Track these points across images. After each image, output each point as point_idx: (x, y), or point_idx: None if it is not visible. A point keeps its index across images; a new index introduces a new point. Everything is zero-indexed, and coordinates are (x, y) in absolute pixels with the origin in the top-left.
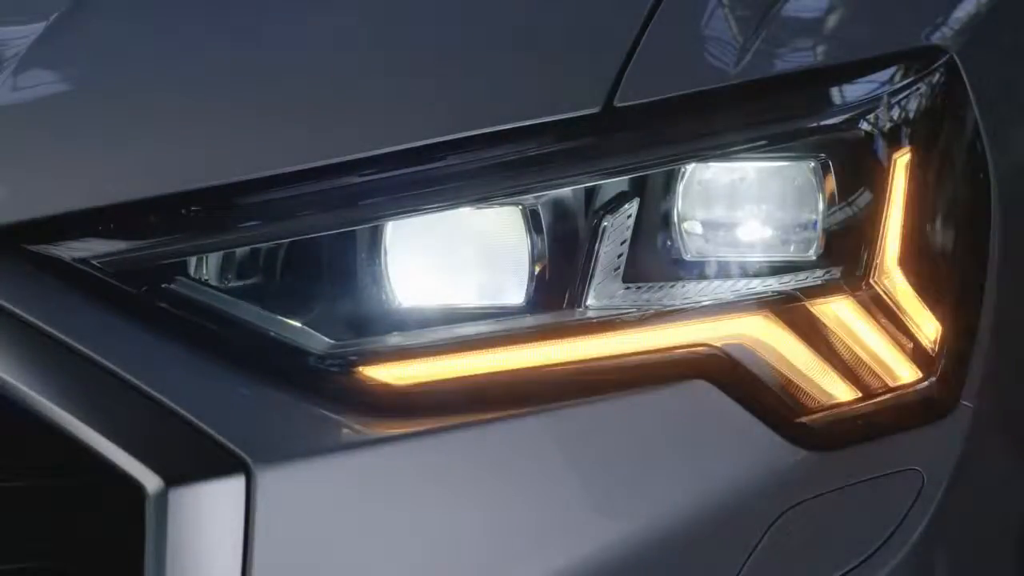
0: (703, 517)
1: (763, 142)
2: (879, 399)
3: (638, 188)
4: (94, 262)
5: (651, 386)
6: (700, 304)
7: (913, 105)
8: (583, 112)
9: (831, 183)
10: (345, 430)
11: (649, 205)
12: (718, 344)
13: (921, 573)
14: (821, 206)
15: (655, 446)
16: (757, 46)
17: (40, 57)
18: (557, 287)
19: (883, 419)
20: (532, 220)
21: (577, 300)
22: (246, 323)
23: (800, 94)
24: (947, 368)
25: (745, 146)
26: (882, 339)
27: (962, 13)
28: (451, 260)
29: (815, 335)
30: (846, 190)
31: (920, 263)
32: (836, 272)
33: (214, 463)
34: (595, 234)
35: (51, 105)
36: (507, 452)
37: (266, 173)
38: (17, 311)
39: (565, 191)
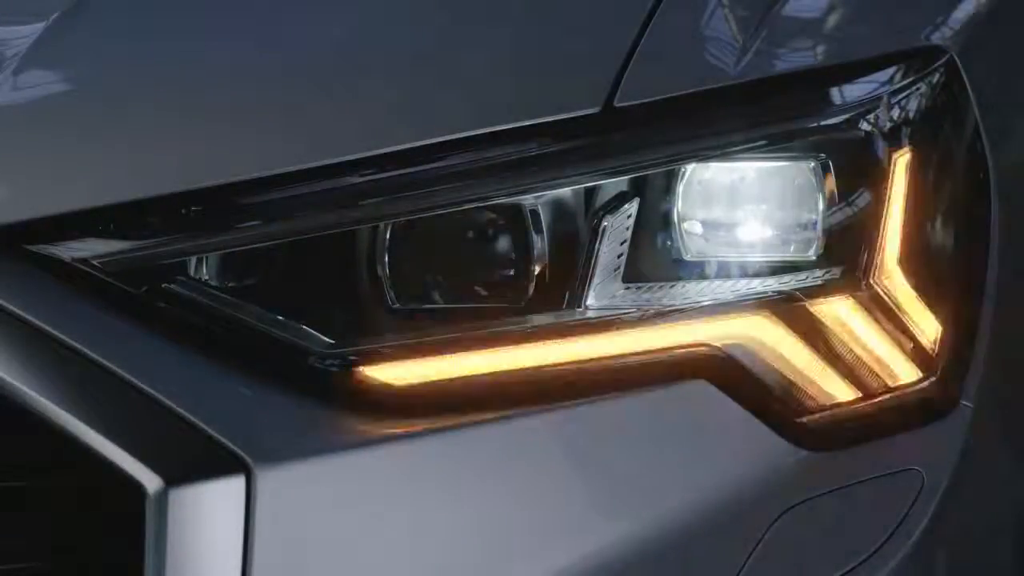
0: (703, 517)
1: (763, 142)
2: (879, 399)
3: (638, 188)
4: (94, 262)
5: (651, 386)
6: (700, 304)
7: (913, 105)
8: (583, 112)
9: (831, 183)
10: (345, 430)
11: (649, 205)
12: (718, 344)
13: (921, 573)
14: (821, 206)
15: (655, 446)
16: (757, 46)
17: (40, 57)
18: (557, 287)
19: (883, 419)
20: (532, 220)
21: (577, 300)
22: (246, 323)
23: (800, 94)
24: (947, 368)
25: (745, 146)
26: (882, 339)
27: (962, 13)
28: (451, 260)
29: (815, 335)
30: (846, 190)
31: (920, 263)
32: (836, 272)
33: (214, 463)
34: (595, 234)
35: (51, 105)
36: (507, 452)
37: (266, 173)
38: (17, 311)
39: (565, 191)
